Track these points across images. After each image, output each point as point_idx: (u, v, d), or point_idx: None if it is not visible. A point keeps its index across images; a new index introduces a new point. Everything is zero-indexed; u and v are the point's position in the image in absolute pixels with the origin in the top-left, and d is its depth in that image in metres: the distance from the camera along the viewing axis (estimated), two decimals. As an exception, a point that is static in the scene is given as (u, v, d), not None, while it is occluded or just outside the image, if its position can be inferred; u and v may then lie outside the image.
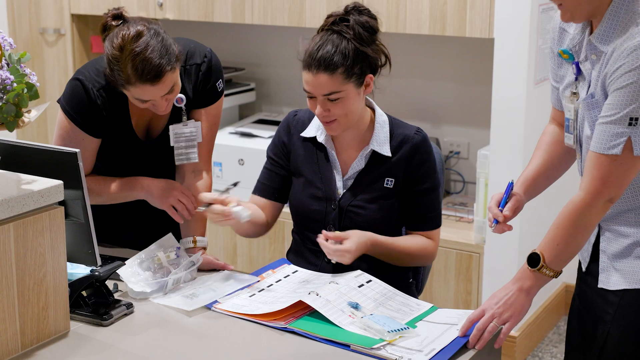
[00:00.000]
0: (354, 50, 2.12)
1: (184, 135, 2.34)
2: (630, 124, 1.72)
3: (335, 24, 2.15)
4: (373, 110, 2.31)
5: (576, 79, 1.91)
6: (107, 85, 2.24)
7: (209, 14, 3.82)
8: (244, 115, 4.35)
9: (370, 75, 2.18)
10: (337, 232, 2.16)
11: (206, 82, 2.34)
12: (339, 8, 2.21)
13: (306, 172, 2.30)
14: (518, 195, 2.05)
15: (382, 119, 2.29)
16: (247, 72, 4.30)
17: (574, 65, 1.90)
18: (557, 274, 1.88)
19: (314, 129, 2.30)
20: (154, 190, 2.32)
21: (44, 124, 4.41)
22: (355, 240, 2.15)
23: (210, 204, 2.17)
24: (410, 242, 2.27)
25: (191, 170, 2.40)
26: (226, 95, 4.10)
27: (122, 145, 2.34)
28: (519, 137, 3.25)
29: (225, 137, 3.96)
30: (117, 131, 2.31)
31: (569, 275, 3.89)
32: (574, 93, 1.92)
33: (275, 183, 2.35)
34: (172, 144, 2.35)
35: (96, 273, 2.00)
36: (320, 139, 2.28)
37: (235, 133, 4.00)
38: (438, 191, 2.31)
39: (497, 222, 2.02)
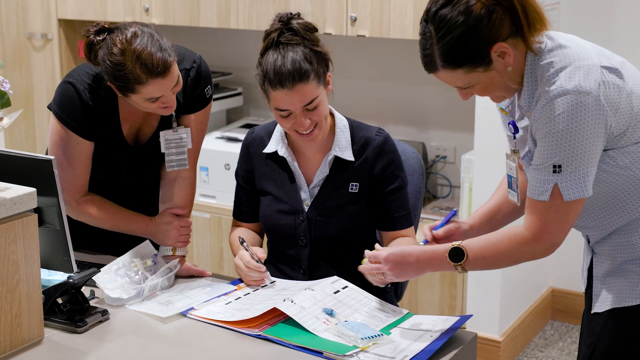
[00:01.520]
0: (312, 53, 2.12)
1: (174, 141, 2.34)
2: (554, 172, 1.74)
3: (280, 36, 2.13)
4: (332, 115, 2.30)
5: (514, 137, 1.94)
6: (98, 89, 2.24)
7: (194, 19, 3.82)
8: (231, 119, 4.35)
9: (329, 74, 2.19)
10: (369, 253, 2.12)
11: (195, 87, 2.34)
12: (275, 21, 2.18)
13: (271, 188, 2.30)
14: (463, 224, 2.05)
15: (342, 123, 2.28)
16: (235, 77, 4.30)
17: (510, 125, 1.94)
18: (464, 272, 1.90)
19: (274, 144, 2.29)
20: (158, 234, 2.35)
21: (32, 129, 4.41)
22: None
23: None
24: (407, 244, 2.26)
25: (177, 177, 2.40)
26: (213, 99, 4.10)
27: (111, 151, 2.34)
28: (503, 141, 3.24)
29: (212, 142, 3.96)
30: (106, 136, 2.31)
31: (556, 280, 3.92)
32: (514, 151, 1.96)
33: (253, 207, 2.36)
34: (162, 151, 2.34)
35: (71, 280, 1.99)
36: (281, 152, 2.28)
37: (222, 138, 4.00)
38: (407, 189, 2.32)
39: (426, 242, 2.03)
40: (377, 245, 2.04)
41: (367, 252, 2.00)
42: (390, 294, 2.37)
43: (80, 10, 4.10)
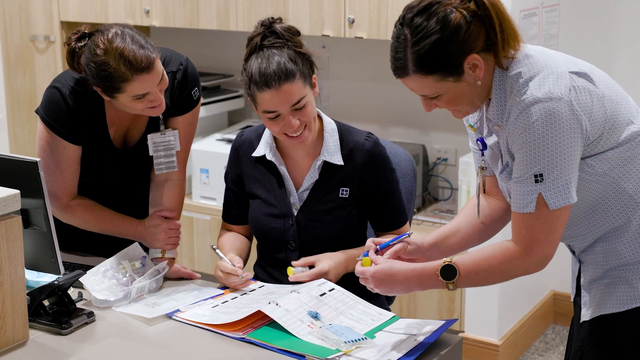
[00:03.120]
0: (296, 54, 2.12)
1: (162, 144, 2.34)
2: (536, 181, 1.72)
3: (263, 40, 2.13)
4: (320, 118, 2.29)
5: (482, 153, 1.93)
6: (84, 93, 2.24)
7: (194, 21, 3.82)
8: (233, 121, 4.35)
9: (314, 76, 2.18)
10: (303, 258, 2.17)
11: (182, 90, 2.33)
12: (257, 28, 2.18)
13: (260, 192, 2.30)
14: (410, 244, 1.97)
15: (330, 127, 2.27)
16: (236, 79, 4.30)
17: (478, 142, 1.92)
18: (455, 289, 1.87)
19: (263, 148, 2.29)
20: (146, 237, 2.35)
21: (35, 132, 4.41)
22: (326, 257, 2.16)
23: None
24: None
25: (166, 179, 2.40)
26: (215, 101, 4.12)
27: (98, 154, 2.34)
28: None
29: (212, 144, 3.96)
30: (93, 139, 2.31)
31: (557, 284, 3.89)
32: (483, 168, 1.95)
33: (242, 209, 2.36)
34: (150, 154, 2.34)
35: (56, 282, 1.99)
36: (269, 156, 2.27)
37: (223, 140, 4.00)
38: (399, 185, 2.31)
39: (366, 254, 1.95)
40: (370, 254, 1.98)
41: (357, 266, 1.93)
42: (380, 296, 2.36)
43: (82, 13, 4.11)
